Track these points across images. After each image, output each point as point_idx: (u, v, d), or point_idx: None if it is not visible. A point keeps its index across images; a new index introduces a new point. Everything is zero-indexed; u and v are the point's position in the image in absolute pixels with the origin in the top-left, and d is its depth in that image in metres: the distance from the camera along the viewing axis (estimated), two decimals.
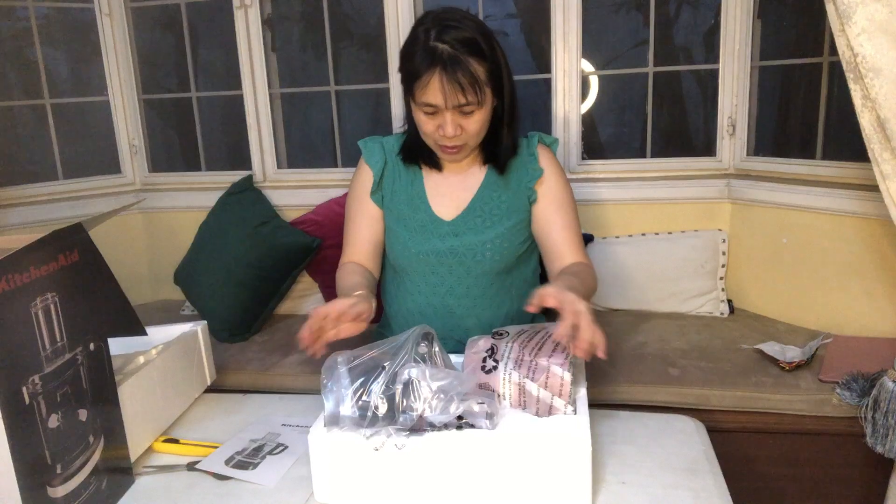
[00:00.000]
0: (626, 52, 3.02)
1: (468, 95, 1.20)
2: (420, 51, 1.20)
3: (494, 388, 0.98)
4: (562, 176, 1.42)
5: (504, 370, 0.98)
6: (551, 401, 0.95)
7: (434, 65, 1.18)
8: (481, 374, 1.00)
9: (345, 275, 1.35)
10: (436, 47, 1.19)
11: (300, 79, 2.88)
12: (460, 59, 1.18)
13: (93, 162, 2.49)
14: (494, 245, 1.36)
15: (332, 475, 0.91)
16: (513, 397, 0.97)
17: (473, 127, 1.26)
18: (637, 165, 2.20)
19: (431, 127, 1.26)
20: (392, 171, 1.42)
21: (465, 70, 1.18)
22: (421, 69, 1.19)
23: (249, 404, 1.26)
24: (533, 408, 0.96)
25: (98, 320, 0.95)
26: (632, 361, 1.74)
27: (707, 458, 1.01)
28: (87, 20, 2.38)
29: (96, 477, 0.92)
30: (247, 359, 1.91)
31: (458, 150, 1.30)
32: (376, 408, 0.89)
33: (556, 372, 0.95)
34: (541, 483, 0.88)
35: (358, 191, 1.43)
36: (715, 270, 2.10)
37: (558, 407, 0.95)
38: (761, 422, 1.57)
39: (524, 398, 0.97)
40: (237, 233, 2.12)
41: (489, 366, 0.99)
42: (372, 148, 1.43)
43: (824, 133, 1.97)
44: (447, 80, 1.18)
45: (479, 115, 1.25)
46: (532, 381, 0.96)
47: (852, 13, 1.22)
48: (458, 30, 1.20)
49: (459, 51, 1.19)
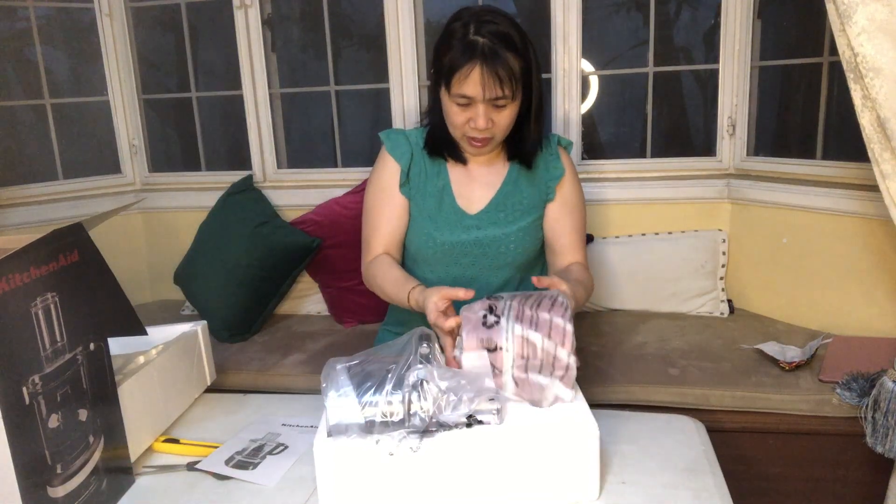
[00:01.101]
0: (626, 52, 3.02)
1: (505, 89, 1.23)
2: (459, 44, 1.24)
3: (497, 343, 0.97)
4: (577, 178, 1.47)
5: (506, 323, 0.98)
6: (555, 351, 0.96)
7: (474, 57, 1.22)
8: (482, 329, 0.98)
9: (386, 268, 1.37)
10: (476, 41, 1.23)
11: (300, 79, 2.88)
12: (499, 53, 1.22)
13: (93, 162, 2.49)
14: (518, 238, 1.40)
15: (338, 483, 0.90)
16: (516, 350, 0.97)
17: (504, 121, 1.29)
18: (637, 165, 2.20)
19: (462, 119, 1.29)
20: (418, 163, 1.43)
21: (504, 63, 1.22)
22: (461, 62, 1.23)
23: (249, 404, 1.26)
24: (536, 364, 0.96)
25: (98, 320, 0.95)
26: (632, 361, 1.74)
27: (707, 458, 1.01)
28: (87, 20, 2.38)
29: (96, 477, 0.92)
30: (247, 359, 1.91)
31: (485, 143, 1.32)
32: (391, 413, 0.88)
33: (558, 323, 0.97)
34: (551, 474, 0.89)
35: (384, 181, 1.43)
36: (715, 270, 2.10)
37: (562, 358, 0.96)
38: (761, 422, 1.57)
39: (528, 350, 0.96)
40: (237, 233, 2.12)
41: (490, 321, 0.98)
42: (397, 140, 1.44)
43: (824, 133, 1.97)
44: (487, 72, 1.21)
45: (509, 110, 1.28)
46: (535, 331, 0.96)
47: (852, 13, 1.22)
48: (495, 24, 1.24)
49: (497, 45, 1.22)
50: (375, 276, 1.38)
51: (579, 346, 1.87)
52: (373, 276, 1.40)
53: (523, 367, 0.97)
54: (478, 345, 0.97)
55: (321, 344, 2.00)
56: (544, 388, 0.97)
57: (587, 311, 2.15)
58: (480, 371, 0.97)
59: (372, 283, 1.41)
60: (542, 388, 0.97)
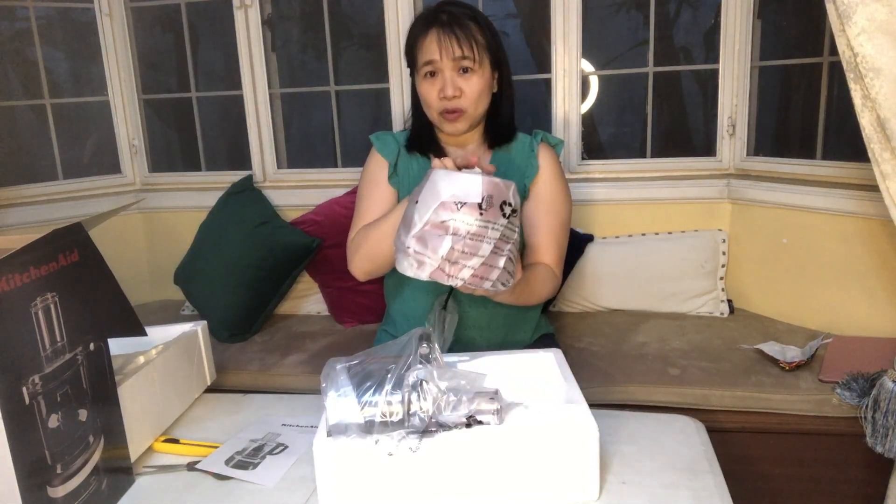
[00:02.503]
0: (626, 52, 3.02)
1: (464, 48, 1.29)
2: (420, 21, 1.34)
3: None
4: (558, 178, 1.43)
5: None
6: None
7: (433, 25, 1.31)
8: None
9: (365, 228, 1.35)
10: (436, 14, 1.32)
11: (300, 79, 2.88)
12: (458, 19, 1.30)
13: (93, 162, 2.49)
14: None
15: (338, 483, 0.90)
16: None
17: (472, 90, 1.32)
18: (637, 165, 2.20)
19: (434, 94, 1.33)
20: (404, 160, 1.46)
21: (463, 26, 1.30)
22: (421, 32, 1.32)
23: (249, 404, 1.26)
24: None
25: (98, 320, 0.95)
26: (632, 361, 1.74)
27: (707, 458, 1.01)
28: (87, 20, 2.38)
29: (96, 477, 0.92)
30: (247, 359, 1.91)
31: (458, 114, 1.34)
32: (390, 413, 0.88)
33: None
34: (551, 474, 0.89)
35: (373, 174, 1.45)
36: (715, 270, 2.10)
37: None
38: (761, 422, 1.58)
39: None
40: (237, 233, 2.12)
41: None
42: (385, 139, 1.48)
43: (824, 133, 1.97)
44: (444, 34, 1.29)
45: (476, 78, 1.32)
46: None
47: (852, 13, 1.22)
48: (457, 6, 1.34)
49: (457, 15, 1.31)
50: (359, 242, 1.34)
51: (579, 346, 1.88)
52: (357, 244, 1.35)
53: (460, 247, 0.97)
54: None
55: (321, 344, 2.00)
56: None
57: (587, 311, 2.15)
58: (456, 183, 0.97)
59: (357, 251, 1.35)
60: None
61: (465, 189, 0.96)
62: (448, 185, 0.96)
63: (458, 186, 0.96)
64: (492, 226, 0.97)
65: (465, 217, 0.95)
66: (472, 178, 0.97)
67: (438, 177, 0.99)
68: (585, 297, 2.15)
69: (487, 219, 0.96)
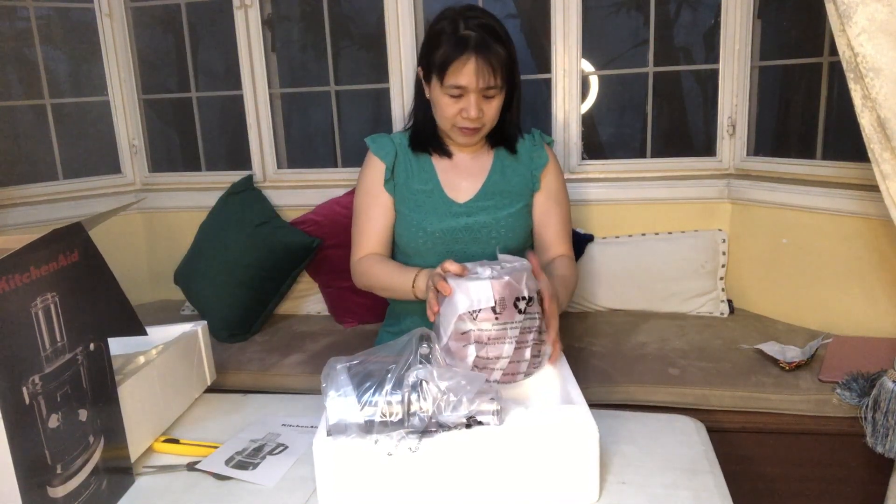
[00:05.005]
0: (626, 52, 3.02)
1: (497, 78, 1.30)
2: (450, 39, 1.30)
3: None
4: (560, 171, 1.52)
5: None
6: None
7: (468, 49, 1.28)
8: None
9: (374, 263, 1.41)
10: (468, 35, 1.29)
11: (300, 79, 2.88)
12: (489, 44, 1.29)
13: (93, 162, 2.49)
14: (508, 224, 1.43)
15: (338, 483, 0.90)
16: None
17: (492, 111, 1.35)
18: (637, 165, 2.20)
19: (454, 110, 1.34)
20: (403, 160, 1.47)
21: (495, 54, 1.29)
22: (455, 54, 1.29)
23: (249, 404, 1.26)
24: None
25: (98, 320, 0.95)
26: (632, 361, 1.74)
27: (707, 458, 1.01)
28: (87, 20, 2.38)
29: (96, 477, 0.92)
30: (247, 359, 1.91)
31: (475, 132, 1.38)
32: (390, 413, 0.88)
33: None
34: (551, 474, 0.88)
35: (368, 184, 1.47)
36: (715, 270, 2.10)
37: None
38: (761, 422, 1.58)
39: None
40: (237, 233, 2.12)
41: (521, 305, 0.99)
42: (381, 141, 1.49)
43: (824, 133, 1.97)
44: (482, 62, 1.28)
45: (497, 101, 1.35)
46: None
47: (852, 13, 1.22)
48: (481, 19, 1.32)
49: (486, 37, 1.30)
50: (365, 273, 1.42)
51: (579, 346, 1.88)
52: (362, 273, 1.43)
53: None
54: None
55: (321, 344, 2.00)
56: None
57: (587, 311, 2.15)
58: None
59: (361, 279, 1.45)
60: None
61: (477, 296, 0.99)
62: (462, 297, 1.00)
63: (471, 295, 1.00)
64: (510, 326, 1.00)
65: (483, 325, 0.99)
66: (482, 286, 0.99)
67: (454, 287, 1.02)
68: (585, 297, 2.15)
69: (504, 321, 0.99)
